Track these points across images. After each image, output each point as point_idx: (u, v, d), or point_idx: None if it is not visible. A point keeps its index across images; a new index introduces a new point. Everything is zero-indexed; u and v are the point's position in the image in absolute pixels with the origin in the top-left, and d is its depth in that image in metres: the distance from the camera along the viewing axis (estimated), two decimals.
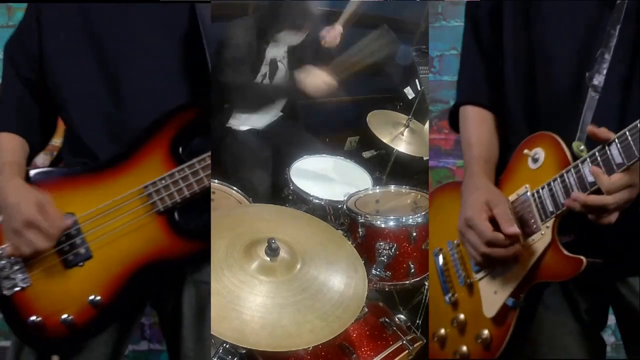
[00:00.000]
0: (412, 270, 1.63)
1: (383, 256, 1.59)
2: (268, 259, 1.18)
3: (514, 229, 0.96)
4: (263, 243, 1.19)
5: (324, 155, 2.21)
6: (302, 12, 2.13)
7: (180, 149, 1.12)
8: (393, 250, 1.60)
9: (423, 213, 1.64)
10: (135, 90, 1.14)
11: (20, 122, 1.19)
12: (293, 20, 2.12)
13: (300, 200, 1.90)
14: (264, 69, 2.25)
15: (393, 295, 1.73)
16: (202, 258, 1.13)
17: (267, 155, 2.32)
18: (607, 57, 0.93)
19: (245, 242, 1.22)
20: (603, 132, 0.88)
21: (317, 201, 1.86)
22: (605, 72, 0.93)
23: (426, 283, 1.70)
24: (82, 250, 1.09)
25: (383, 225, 1.62)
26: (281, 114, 2.42)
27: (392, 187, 1.93)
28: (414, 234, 1.60)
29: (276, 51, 2.27)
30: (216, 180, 1.81)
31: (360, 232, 1.63)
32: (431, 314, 1.19)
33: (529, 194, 0.99)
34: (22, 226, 1.03)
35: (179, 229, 1.12)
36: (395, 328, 1.38)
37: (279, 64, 2.29)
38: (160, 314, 1.28)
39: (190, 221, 1.13)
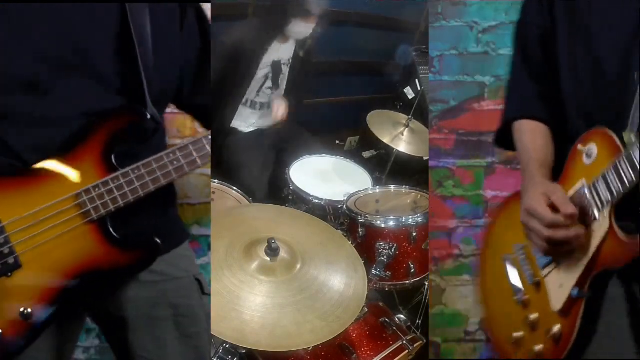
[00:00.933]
0: (412, 270, 1.63)
1: (383, 256, 1.59)
2: (268, 259, 1.18)
3: (572, 209, 1.02)
4: (263, 243, 1.19)
5: (324, 155, 2.21)
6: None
7: (113, 156, 1.07)
8: (393, 250, 1.60)
9: (423, 213, 1.65)
10: (62, 91, 1.07)
11: None
12: (301, 7, 2.12)
13: (300, 200, 1.90)
14: (266, 70, 2.25)
15: (393, 295, 1.73)
16: (143, 265, 1.10)
17: (268, 156, 2.32)
18: None
19: (245, 242, 1.22)
20: None
21: (317, 201, 1.86)
22: None
23: (426, 283, 1.70)
24: (10, 260, 1.02)
25: (383, 225, 1.62)
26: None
27: (392, 187, 1.93)
28: (414, 234, 1.60)
29: (282, 53, 2.27)
30: (216, 180, 1.81)
31: (360, 232, 1.63)
32: (502, 318, 1.21)
33: (585, 188, 1.05)
34: None
35: (113, 239, 1.07)
36: (395, 328, 1.39)
37: (283, 67, 2.29)
38: (99, 320, 1.24)
39: (126, 230, 1.08)
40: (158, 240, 1.09)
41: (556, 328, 1.07)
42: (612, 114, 1.05)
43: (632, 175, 0.95)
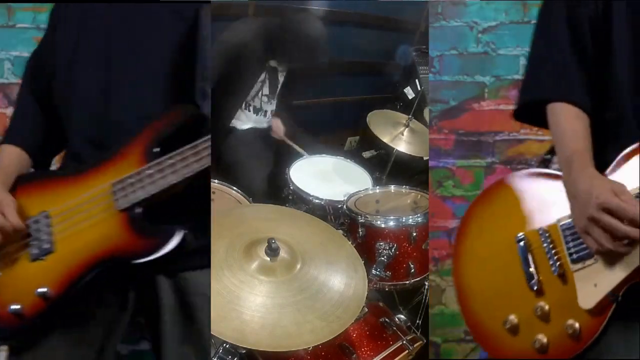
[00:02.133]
0: (412, 270, 1.63)
1: (383, 256, 1.59)
2: (268, 259, 1.18)
3: None
4: (263, 243, 1.19)
5: (324, 155, 2.21)
6: (310, 50, 2.16)
7: (157, 150, 1.13)
8: (393, 250, 1.60)
9: (423, 213, 1.65)
10: (126, 98, 1.17)
11: (25, 137, 1.27)
12: (300, 55, 2.17)
13: (300, 200, 1.90)
14: (263, 75, 2.25)
15: (393, 295, 1.73)
16: (158, 250, 1.10)
17: (268, 156, 2.32)
18: None
19: (245, 242, 1.22)
20: None
21: (317, 201, 1.86)
22: None
23: (426, 283, 1.70)
24: (45, 245, 1.12)
25: (383, 225, 1.62)
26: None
27: (392, 187, 1.93)
28: (414, 234, 1.60)
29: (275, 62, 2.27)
30: (216, 180, 1.81)
31: (360, 232, 1.63)
32: (500, 300, 1.17)
33: None
34: None
35: (137, 226, 1.10)
36: (395, 328, 1.39)
37: (279, 74, 2.29)
38: (144, 316, 1.26)
39: (157, 219, 1.10)
40: (184, 231, 1.08)
41: (574, 323, 1.05)
42: None
43: None
